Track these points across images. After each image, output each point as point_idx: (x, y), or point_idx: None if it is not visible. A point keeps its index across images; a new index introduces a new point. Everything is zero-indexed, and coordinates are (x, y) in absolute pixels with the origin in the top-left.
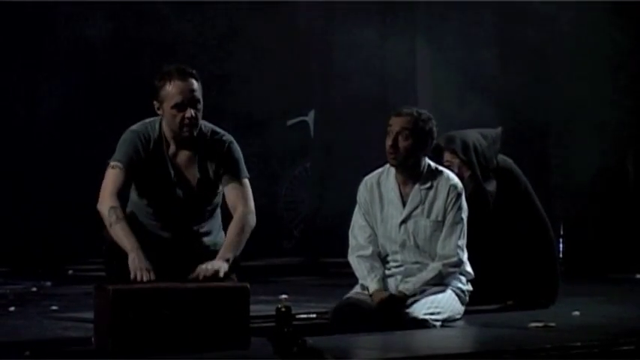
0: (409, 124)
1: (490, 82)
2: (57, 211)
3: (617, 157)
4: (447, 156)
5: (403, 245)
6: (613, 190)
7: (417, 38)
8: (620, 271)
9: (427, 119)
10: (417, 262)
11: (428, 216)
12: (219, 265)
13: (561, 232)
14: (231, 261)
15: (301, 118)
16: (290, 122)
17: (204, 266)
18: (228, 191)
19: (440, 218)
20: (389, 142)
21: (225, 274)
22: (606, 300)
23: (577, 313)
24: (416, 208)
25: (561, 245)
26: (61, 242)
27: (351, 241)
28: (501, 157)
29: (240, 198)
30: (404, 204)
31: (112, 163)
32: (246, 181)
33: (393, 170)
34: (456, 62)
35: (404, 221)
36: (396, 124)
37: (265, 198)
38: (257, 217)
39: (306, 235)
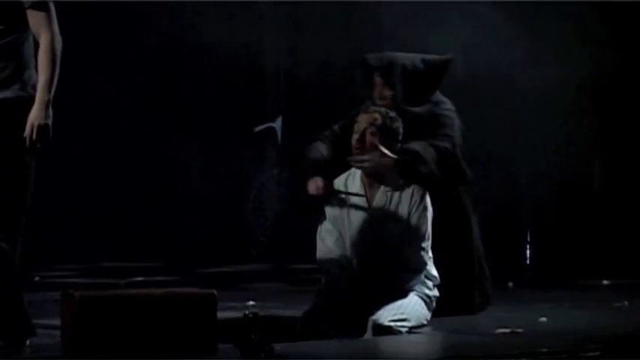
0: (377, 122)
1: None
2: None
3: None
4: (376, 79)
5: (369, 247)
6: (580, 196)
7: (383, 41)
8: (588, 278)
9: (395, 118)
10: (382, 264)
11: (393, 218)
12: (38, 121)
13: (528, 239)
14: (51, 101)
15: (268, 124)
16: (257, 128)
17: (28, 125)
18: (29, 17)
19: (404, 220)
20: (356, 136)
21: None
22: (573, 306)
23: (544, 319)
24: (381, 209)
25: (528, 252)
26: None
27: (319, 244)
28: (444, 100)
29: (41, 23)
30: (369, 206)
31: None
32: (51, 5)
33: (359, 173)
34: None
35: (369, 223)
36: (363, 120)
37: (232, 205)
38: (224, 224)
39: (274, 241)
